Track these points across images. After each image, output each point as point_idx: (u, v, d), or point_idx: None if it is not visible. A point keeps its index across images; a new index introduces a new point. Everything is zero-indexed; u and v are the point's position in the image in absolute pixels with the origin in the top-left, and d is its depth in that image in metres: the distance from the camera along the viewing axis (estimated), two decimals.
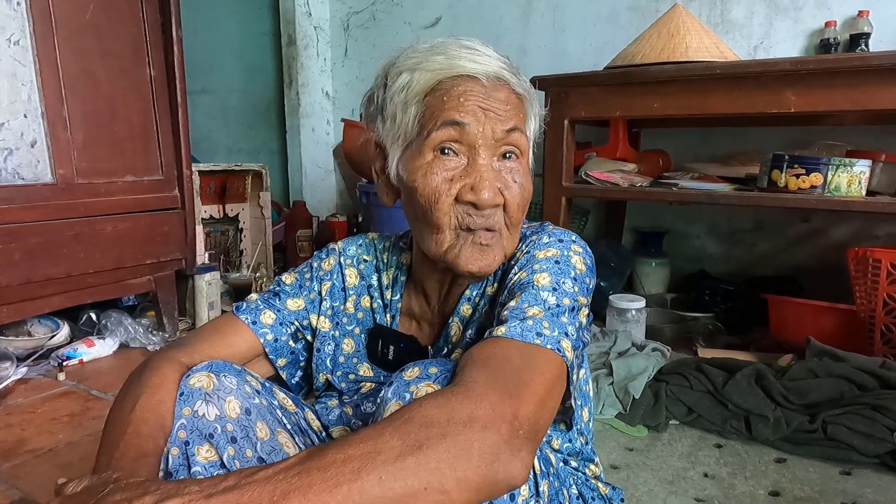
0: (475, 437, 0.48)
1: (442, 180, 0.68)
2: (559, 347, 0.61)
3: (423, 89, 0.69)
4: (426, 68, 0.68)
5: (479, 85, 0.68)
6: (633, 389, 1.42)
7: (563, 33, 2.55)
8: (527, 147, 0.72)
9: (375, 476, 0.46)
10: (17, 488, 1.14)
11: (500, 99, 0.68)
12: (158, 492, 0.47)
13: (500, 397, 0.52)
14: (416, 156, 0.70)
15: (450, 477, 0.47)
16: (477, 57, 0.68)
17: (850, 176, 1.53)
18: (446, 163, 0.68)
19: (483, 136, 0.68)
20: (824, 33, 2.01)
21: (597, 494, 0.79)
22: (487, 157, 0.68)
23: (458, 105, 0.67)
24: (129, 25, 1.83)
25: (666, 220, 2.47)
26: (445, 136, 0.67)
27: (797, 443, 1.27)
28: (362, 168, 2.61)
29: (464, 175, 0.68)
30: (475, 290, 0.79)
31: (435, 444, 0.48)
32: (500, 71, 0.69)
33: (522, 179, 0.71)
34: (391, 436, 0.48)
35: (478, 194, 0.67)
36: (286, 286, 0.85)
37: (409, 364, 0.62)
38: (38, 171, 1.65)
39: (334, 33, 3.23)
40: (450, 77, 0.68)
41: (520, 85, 0.71)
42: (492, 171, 0.68)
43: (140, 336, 1.91)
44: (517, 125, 0.69)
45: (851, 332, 1.61)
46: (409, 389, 0.58)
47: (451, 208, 0.69)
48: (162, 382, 0.68)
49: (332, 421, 0.82)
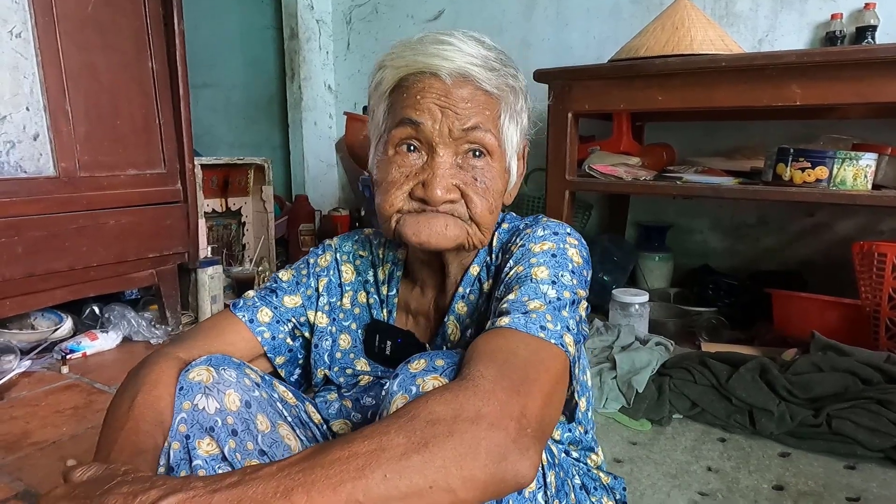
0: (482, 435, 0.48)
1: (399, 175, 0.69)
2: (562, 342, 0.61)
3: (389, 86, 0.71)
4: (394, 65, 0.70)
5: (439, 82, 0.67)
6: (636, 383, 1.41)
7: (566, 26, 2.53)
8: (495, 146, 0.70)
9: (380, 474, 0.45)
10: (21, 480, 1.15)
11: (461, 97, 0.67)
12: (164, 486, 0.46)
13: (507, 395, 0.51)
14: (382, 150, 0.72)
15: (456, 476, 0.46)
16: (446, 52, 0.67)
17: (855, 169, 1.52)
18: (405, 159, 0.69)
19: (440, 134, 0.67)
20: (830, 26, 1.99)
21: (599, 484, 0.79)
22: (447, 154, 0.68)
23: (415, 103, 0.67)
24: (131, 19, 1.82)
25: (669, 214, 2.46)
26: (403, 133, 0.69)
27: (801, 437, 1.26)
28: (364, 161, 2.59)
29: (419, 172, 0.69)
30: (469, 286, 0.78)
31: (441, 442, 0.47)
32: (466, 68, 0.67)
33: (488, 179, 0.70)
34: (397, 433, 0.47)
35: (427, 190, 0.67)
36: (283, 283, 0.85)
37: (414, 356, 0.61)
38: (41, 164, 1.65)
39: (336, 27, 3.21)
40: (412, 73, 0.68)
41: (491, 81, 0.68)
42: (449, 168, 0.68)
43: (143, 329, 1.91)
44: (479, 123, 0.68)
45: (856, 327, 1.60)
46: (415, 382, 0.58)
47: (402, 202, 0.70)
48: (159, 378, 0.68)
49: (331, 414, 0.82)
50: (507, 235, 0.78)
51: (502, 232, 0.79)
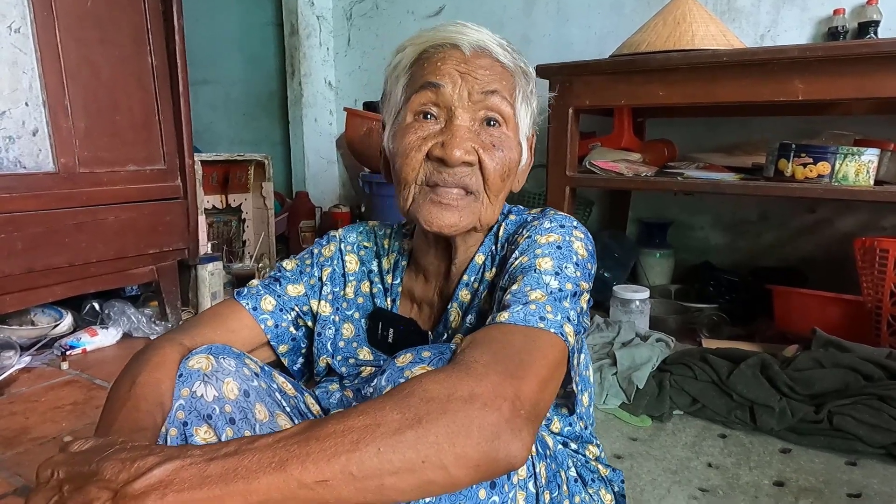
0: (475, 413, 0.48)
1: (416, 138, 0.71)
2: (562, 331, 0.61)
3: (409, 62, 0.73)
4: (414, 43, 0.73)
5: (458, 52, 0.70)
6: (636, 379, 1.41)
7: (567, 22, 2.53)
8: (510, 115, 0.72)
9: (373, 448, 0.46)
10: (20, 476, 1.15)
11: (480, 65, 0.70)
12: (161, 454, 0.47)
13: (501, 377, 0.52)
14: (400, 122, 0.73)
15: (448, 452, 0.47)
16: (464, 30, 0.71)
17: (857, 165, 1.52)
18: (424, 125, 0.71)
19: (460, 98, 0.69)
20: (832, 21, 1.99)
21: (597, 476, 0.79)
22: (465, 118, 0.70)
23: (436, 69, 0.70)
24: (131, 14, 1.81)
25: (670, 210, 2.45)
26: (423, 98, 0.70)
27: (802, 433, 1.26)
28: (365, 158, 2.60)
29: (438, 135, 0.70)
30: (473, 274, 0.79)
31: (435, 418, 0.47)
32: (485, 41, 0.70)
33: (506, 147, 0.71)
34: (391, 409, 0.48)
35: (446, 150, 0.68)
36: (287, 272, 0.86)
37: (400, 351, 0.62)
38: (40, 159, 1.64)
39: (337, 23, 3.21)
40: (432, 46, 0.71)
41: (507, 57, 0.71)
42: (467, 132, 0.69)
43: (143, 326, 1.91)
44: (498, 89, 0.70)
45: (857, 323, 1.60)
46: (403, 375, 0.58)
47: (420, 164, 0.71)
48: (162, 361, 0.68)
49: (332, 404, 0.82)
50: (514, 227, 0.78)
51: (509, 223, 0.80)
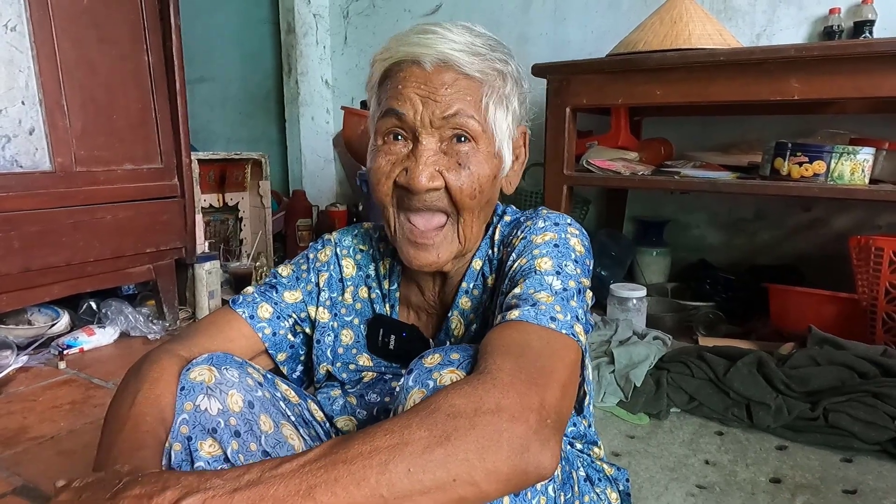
0: (504, 427, 0.47)
1: (385, 163, 0.71)
2: (573, 332, 0.60)
3: (377, 80, 0.73)
4: (381, 58, 0.72)
5: (419, 69, 0.68)
6: (634, 377, 1.42)
7: (564, 21, 2.53)
8: (479, 131, 0.69)
9: (403, 468, 0.45)
10: (20, 475, 1.14)
11: (442, 82, 0.67)
12: (179, 486, 0.45)
13: (526, 386, 0.51)
14: (373, 141, 0.73)
15: (479, 468, 0.46)
16: (427, 40, 0.67)
17: (853, 164, 1.53)
18: (393, 147, 0.71)
19: (422, 123, 0.68)
20: (828, 20, 1.99)
21: (602, 476, 0.79)
22: (431, 141, 0.69)
23: (397, 94, 0.69)
24: (127, 12, 1.81)
25: (667, 209, 2.46)
26: (388, 123, 0.70)
27: (798, 430, 1.27)
28: (362, 156, 2.60)
29: (405, 159, 0.70)
30: (472, 281, 0.78)
31: (463, 434, 0.46)
32: (446, 53, 0.67)
33: (474, 164, 0.70)
34: (418, 427, 0.47)
35: (410, 178, 0.69)
36: (283, 278, 0.84)
37: (427, 352, 0.61)
38: (37, 158, 1.64)
39: (333, 21, 3.20)
40: (395, 63, 0.70)
41: (474, 64, 0.68)
42: (432, 155, 0.69)
43: (140, 325, 1.90)
44: (460, 110, 0.68)
45: (853, 321, 1.61)
46: (431, 377, 0.57)
47: (391, 190, 0.72)
48: (161, 375, 0.67)
49: (335, 411, 0.82)
50: (509, 228, 0.78)
51: (504, 225, 0.79)
